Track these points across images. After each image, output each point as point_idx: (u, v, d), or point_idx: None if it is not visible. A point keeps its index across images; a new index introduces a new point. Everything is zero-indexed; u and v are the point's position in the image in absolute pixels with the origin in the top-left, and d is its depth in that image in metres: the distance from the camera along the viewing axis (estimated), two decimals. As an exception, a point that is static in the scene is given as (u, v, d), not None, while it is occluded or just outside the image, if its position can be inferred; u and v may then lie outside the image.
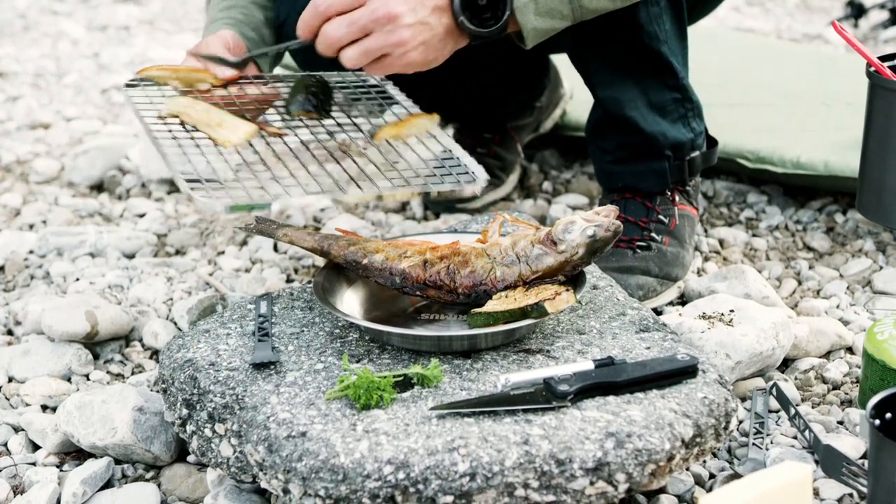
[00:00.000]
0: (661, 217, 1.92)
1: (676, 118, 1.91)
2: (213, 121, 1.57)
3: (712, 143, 2.00)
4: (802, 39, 3.44)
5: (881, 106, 1.45)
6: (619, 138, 1.93)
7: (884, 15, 3.47)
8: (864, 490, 1.35)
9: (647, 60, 1.85)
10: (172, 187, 2.51)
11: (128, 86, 1.69)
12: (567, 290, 1.48)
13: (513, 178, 2.35)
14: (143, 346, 1.83)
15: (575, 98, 2.46)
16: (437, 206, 2.26)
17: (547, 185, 2.38)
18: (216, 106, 1.60)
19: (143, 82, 1.68)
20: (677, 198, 1.95)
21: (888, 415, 1.34)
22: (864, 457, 1.47)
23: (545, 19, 1.61)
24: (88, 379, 1.60)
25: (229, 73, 1.67)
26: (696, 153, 1.95)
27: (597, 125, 1.98)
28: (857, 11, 3.45)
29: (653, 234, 1.90)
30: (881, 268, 2.00)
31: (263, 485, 1.33)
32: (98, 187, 2.56)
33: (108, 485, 1.52)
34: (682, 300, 1.89)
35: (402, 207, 2.32)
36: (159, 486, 1.51)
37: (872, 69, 1.47)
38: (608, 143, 1.96)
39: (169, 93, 1.63)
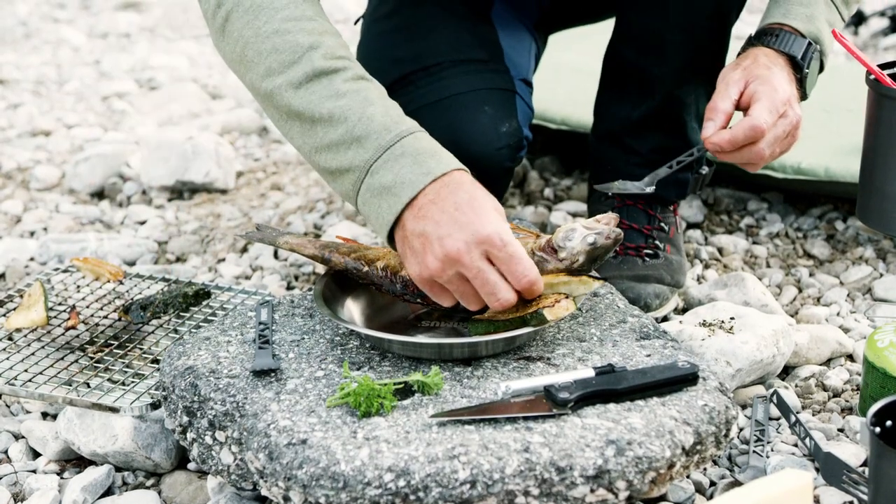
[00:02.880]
0: (662, 224, 1.92)
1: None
2: None
3: (711, 162, 2.00)
4: (802, 46, 3.44)
5: (881, 114, 1.45)
6: (660, 140, 1.89)
7: (884, 22, 3.47)
8: (865, 498, 1.34)
9: (714, 68, 1.85)
10: (173, 194, 2.52)
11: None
12: (567, 297, 1.48)
13: None
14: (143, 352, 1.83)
15: (576, 99, 2.44)
16: None
17: (548, 192, 2.38)
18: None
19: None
20: (677, 207, 1.96)
21: (889, 422, 1.34)
22: (864, 464, 1.47)
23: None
24: (89, 386, 1.60)
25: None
26: (707, 169, 1.95)
27: (637, 124, 1.90)
28: (857, 19, 3.46)
29: (656, 242, 1.90)
30: (881, 275, 2.00)
31: (264, 492, 1.33)
32: (99, 194, 2.56)
33: (108, 492, 1.52)
34: (684, 308, 1.89)
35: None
36: (160, 493, 1.51)
37: (872, 77, 1.47)
38: (644, 143, 1.90)
39: None
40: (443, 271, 1.41)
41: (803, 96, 1.66)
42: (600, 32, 2.10)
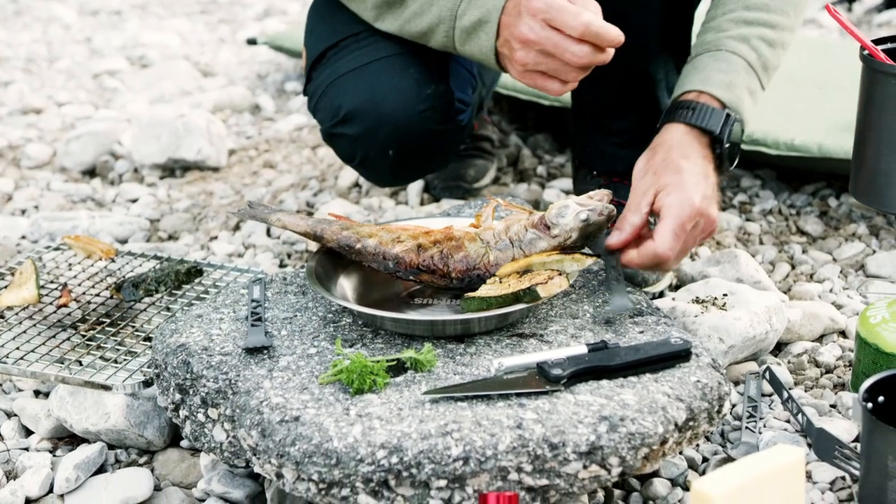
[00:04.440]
0: None
1: None
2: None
3: None
4: (796, 23, 3.43)
5: (875, 90, 1.44)
6: (636, 119, 1.89)
7: (878, -1, 3.46)
8: (857, 473, 1.35)
9: (682, 41, 1.83)
10: (165, 172, 2.51)
11: None
12: (560, 274, 1.48)
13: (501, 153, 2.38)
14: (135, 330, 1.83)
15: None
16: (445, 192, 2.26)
17: (541, 170, 2.38)
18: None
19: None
20: None
21: (881, 398, 1.34)
22: (856, 440, 1.48)
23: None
24: (81, 364, 1.59)
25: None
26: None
27: (612, 104, 1.91)
28: (852, -5, 3.45)
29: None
30: (874, 251, 2.00)
31: (257, 469, 1.33)
32: (90, 172, 2.55)
33: (101, 470, 1.52)
34: (677, 285, 1.89)
35: (396, 192, 2.32)
36: (152, 471, 1.51)
37: (866, 52, 1.47)
38: (622, 123, 1.91)
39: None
40: (526, 57, 1.54)
41: (723, 169, 1.64)
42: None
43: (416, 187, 2.28)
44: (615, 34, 1.51)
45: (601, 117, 1.94)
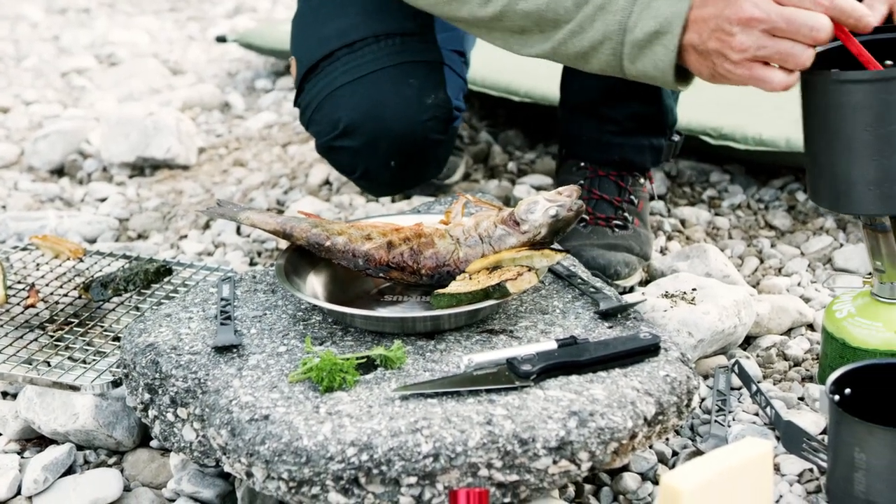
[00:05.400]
0: (632, 197, 1.92)
1: (676, 97, 1.90)
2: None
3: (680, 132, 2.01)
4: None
5: (823, 97, 1.47)
6: (635, 107, 1.89)
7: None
8: (824, 465, 1.36)
9: None
10: (134, 171, 2.49)
11: None
12: (529, 270, 1.48)
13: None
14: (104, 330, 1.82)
15: (540, 72, 2.43)
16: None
17: (511, 166, 2.38)
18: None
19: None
20: (650, 178, 1.97)
21: (847, 390, 1.35)
22: (824, 432, 1.49)
23: None
24: (49, 365, 1.58)
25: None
26: (679, 137, 1.96)
27: (611, 91, 1.90)
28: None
29: (626, 214, 1.90)
30: (841, 245, 2.01)
31: (227, 468, 1.32)
32: (58, 171, 2.53)
33: (69, 471, 1.51)
34: (647, 280, 1.90)
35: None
36: (122, 471, 1.51)
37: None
38: (620, 111, 1.90)
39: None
40: (749, 40, 1.36)
41: None
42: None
43: (386, 184, 2.28)
44: (863, 12, 1.35)
45: (597, 106, 1.93)
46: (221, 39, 3.14)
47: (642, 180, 1.96)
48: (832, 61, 1.47)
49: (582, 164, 1.95)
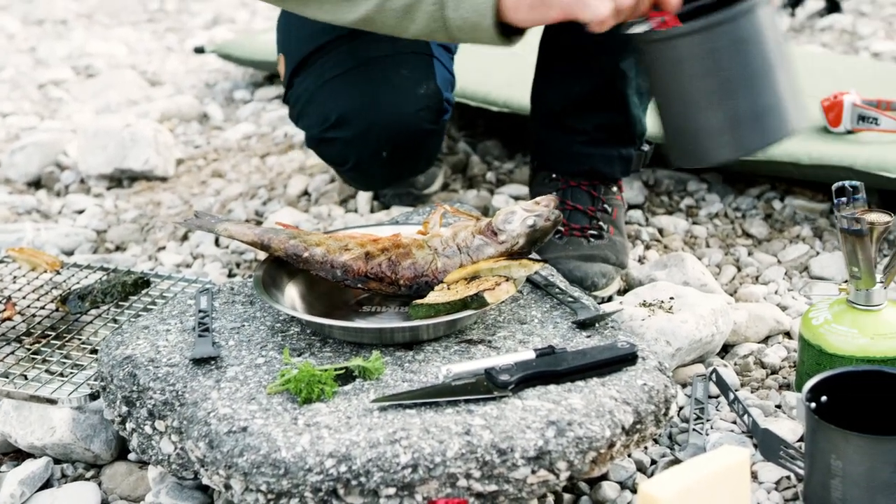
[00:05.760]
0: (605, 206, 1.93)
1: (644, 106, 1.91)
2: None
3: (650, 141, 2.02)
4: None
5: (652, 59, 1.52)
6: (603, 118, 1.89)
7: (820, 3, 3.51)
8: (802, 472, 1.37)
9: None
10: (112, 183, 2.49)
11: None
12: (507, 280, 1.48)
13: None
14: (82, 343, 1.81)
15: (517, 82, 2.44)
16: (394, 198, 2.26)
17: (490, 176, 2.38)
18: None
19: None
20: (620, 188, 1.97)
21: (824, 398, 1.36)
22: (801, 440, 1.49)
23: None
24: (26, 378, 1.57)
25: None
26: (648, 147, 1.97)
27: (580, 102, 1.90)
28: (794, 0, 3.49)
29: (600, 223, 1.91)
30: (818, 253, 2.03)
31: (205, 481, 1.32)
32: (36, 184, 2.52)
33: (47, 485, 1.50)
34: (625, 289, 1.91)
35: (345, 200, 2.31)
36: (100, 484, 1.50)
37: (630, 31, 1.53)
38: (588, 122, 1.91)
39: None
40: None
41: None
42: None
43: (365, 195, 2.28)
44: None
45: (566, 116, 1.93)
46: (200, 50, 3.13)
47: (615, 189, 1.97)
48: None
49: (554, 175, 1.96)
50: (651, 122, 2.04)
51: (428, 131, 1.89)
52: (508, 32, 1.51)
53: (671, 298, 1.70)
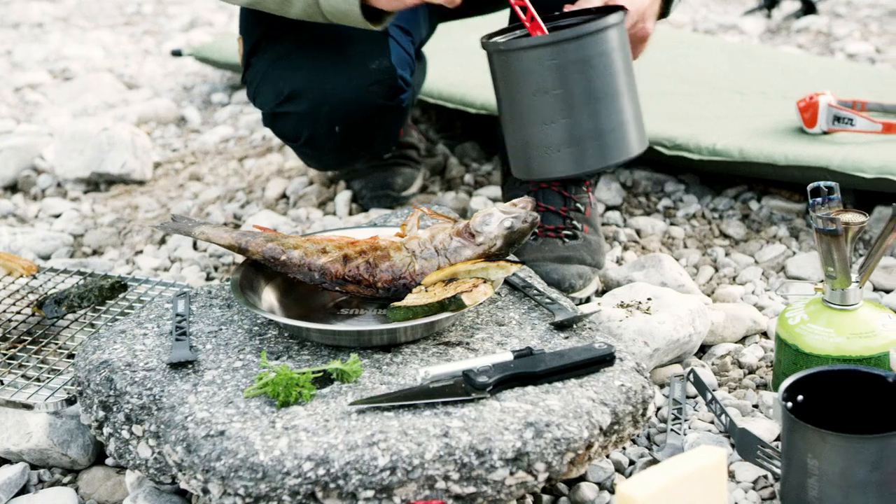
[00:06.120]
0: (577, 205, 1.93)
1: None
2: None
3: None
4: (717, 30, 3.49)
5: (498, 69, 1.54)
6: None
7: (796, 5, 3.53)
8: (779, 471, 1.37)
9: None
10: (89, 186, 2.47)
11: None
12: (485, 282, 1.49)
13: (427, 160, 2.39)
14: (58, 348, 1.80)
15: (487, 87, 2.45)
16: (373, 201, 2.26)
17: (468, 178, 2.39)
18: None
19: None
20: (591, 186, 1.98)
21: (800, 397, 1.37)
22: (778, 439, 1.50)
23: None
24: (3, 383, 1.56)
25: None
26: None
27: None
28: (770, 2, 3.51)
29: (574, 223, 1.91)
30: (794, 253, 2.04)
31: (183, 485, 1.32)
32: (12, 188, 2.51)
33: (23, 490, 1.49)
34: (604, 290, 1.91)
35: (324, 203, 2.31)
36: (77, 490, 1.49)
37: (485, 38, 1.56)
38: None
39: None
40: None
41: (665, 13, 1.71)
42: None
43: (344, 197, 2.28)
44: None
45: None
46: (177, 53, 3.12)
47: (584, 188, 1.97)
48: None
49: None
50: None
51: (381, 107, 1.90)
52: (376, 16, 1.66)
53: (649, 299, 1.70)
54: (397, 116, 1.98)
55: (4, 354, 1.66)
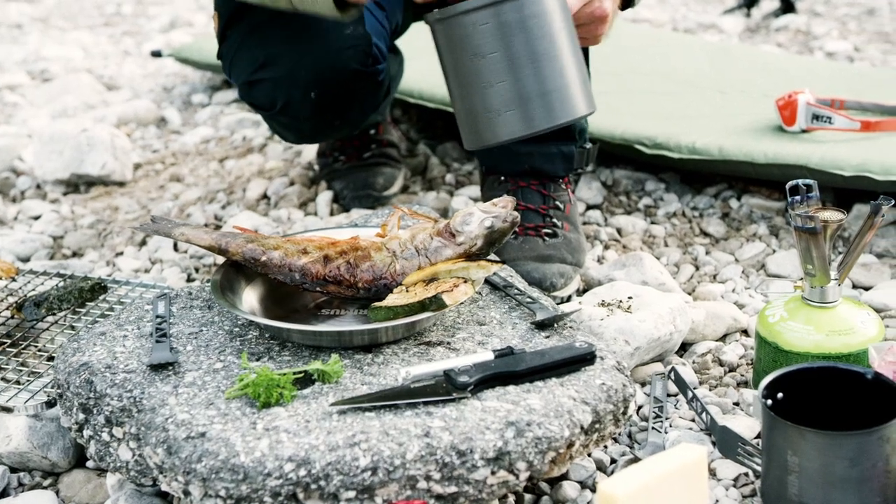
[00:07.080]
0: (557, 203, 1.94)
1: None
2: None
3: (595, 140, 2.04)
4: (697, 29, 3.50)
5: (439, 40, 1.56)
6: None
7: (775, 3, 3.55)
8: (759, 468, 1.38)
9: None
10: (68, 188, 2.46)
11: None
12: (466, 282, 1.49)
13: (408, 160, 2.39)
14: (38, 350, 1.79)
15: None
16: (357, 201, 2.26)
17: (449, 178, 2.39)
18: None
19: None
20: (569, 183, 1.98)
21: (780, 394, 1.37)
22: (758, 436, 1.51)
23: None
24: (-18, 386, 1.56)
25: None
26: (591, 145, 1.99)
27: None
28: (749, 1, 3.53)
29: (554, 221, 1.92)
30: (774, 251, 2.05)
31: (164, 487, 1.31)
32: (-10, 190, 2.49)
33: (3, 494, 1.48)
34: (585, 289, 1.91)
35: (304, 203, 2.31)
36: (58, 493, 1.48)
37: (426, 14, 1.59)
38: None
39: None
40: None
41: (628, 3, 1.72)
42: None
43: (325, 198, 2.27)
44: None
45: None
46: (157, 54, 3.11)
47: (563, 185, 1.98)
48: None
49: (503, 178, 1.98)
50: (592, 119, 2.06)
51: (356, 72, 1.90)
52: (345, 5, 1.64)
53: (630, 298, 1.71)
54: (373, 88, 1.97)
55: (-17, 357, 1.65)
